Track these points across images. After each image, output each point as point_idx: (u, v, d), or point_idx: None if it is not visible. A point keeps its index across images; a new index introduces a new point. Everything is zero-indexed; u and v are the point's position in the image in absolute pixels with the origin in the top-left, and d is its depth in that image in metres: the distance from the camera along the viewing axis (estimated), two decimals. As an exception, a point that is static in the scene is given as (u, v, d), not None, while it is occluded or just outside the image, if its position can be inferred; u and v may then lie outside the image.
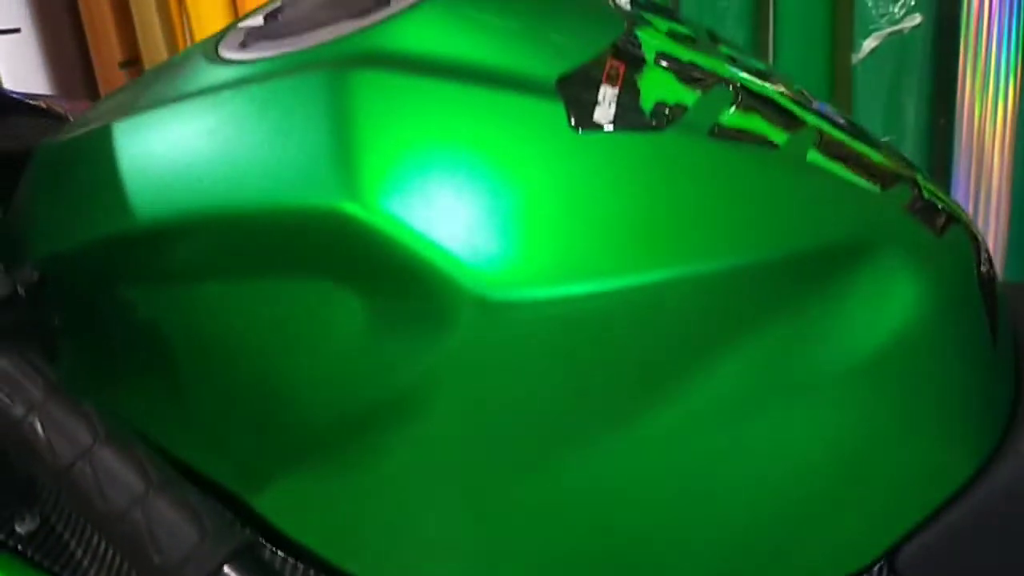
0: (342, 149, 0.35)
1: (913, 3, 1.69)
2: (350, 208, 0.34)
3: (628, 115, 0.38)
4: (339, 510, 0.39)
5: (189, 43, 1.98)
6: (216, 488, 0.41)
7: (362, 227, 0.34)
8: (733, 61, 0.44)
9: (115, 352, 0.42)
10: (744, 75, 0.43)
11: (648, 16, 0.45)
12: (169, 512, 0.33)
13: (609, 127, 0.37)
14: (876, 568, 0.43)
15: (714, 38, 0.47)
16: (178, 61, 0.47)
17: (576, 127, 0.36)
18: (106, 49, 2.26)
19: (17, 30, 2.60)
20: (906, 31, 1.70)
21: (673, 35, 0.44)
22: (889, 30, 1.70)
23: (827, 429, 0.40)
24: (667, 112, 0.38)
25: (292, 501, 0.40)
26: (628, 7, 0.45)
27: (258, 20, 0.45)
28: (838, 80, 1.80)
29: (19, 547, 0.42)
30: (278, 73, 0.39)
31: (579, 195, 0.36)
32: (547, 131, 0.36)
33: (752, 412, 0.38)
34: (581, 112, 0.37)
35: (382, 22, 0.39)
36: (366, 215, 0.34)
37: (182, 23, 2.00)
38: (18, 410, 0.35)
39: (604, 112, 0.37)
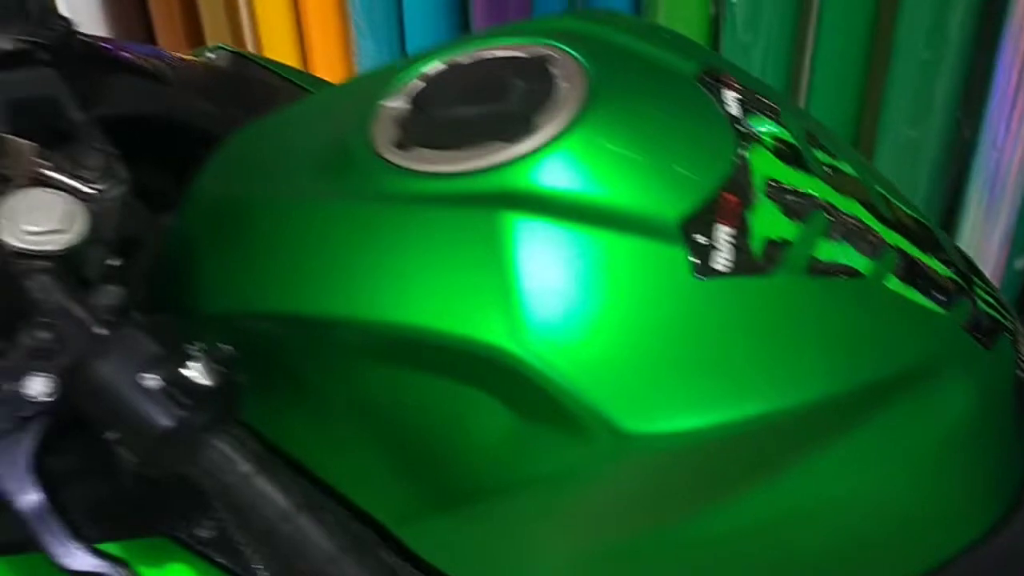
0: (502, 292, 0.42)
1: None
2: (509, 346, 0.41)
3: (741, 259, 0.44)
4: (478, 550, 0.48)
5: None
6: (366, 516, 0.50)
7: (518, 363, 0.41)
8: (827, 172, 0.50)
9: (282, 400, 0.50)
10: (837, 195, 0.49)
11: (755, 123, 0.50)
12: (355, 570, 0.42)
13: (729, 270, 0.43)
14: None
15: (812, 138, 0.52)
16: (330, 125, 0.52)
17: (698, 275, 0.43)
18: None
19: None
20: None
21: (778, 149, 0.49)
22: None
23: (892, 496, 0.49)
24: (773, 251, 0.45)
25: (437, 537, 0.48)
26: (737, 109, 0.50)
27: (402, 103, 0.50)
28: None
29: (201, 549, 0.51)
30: (442, 199, 0.44)
31: (699, 336, 0.43)
32: (672, 276, 0.43)
33: (842, 484, 0.47)
34: (701, 258, 0.43)
35: (530, 155, 0.44)
36: (522, 353, 0.41)
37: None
38: (232, 479, 0.42)
39: (721, 258, 0.44)
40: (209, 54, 0.83)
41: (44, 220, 0.46)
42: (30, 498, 0.43)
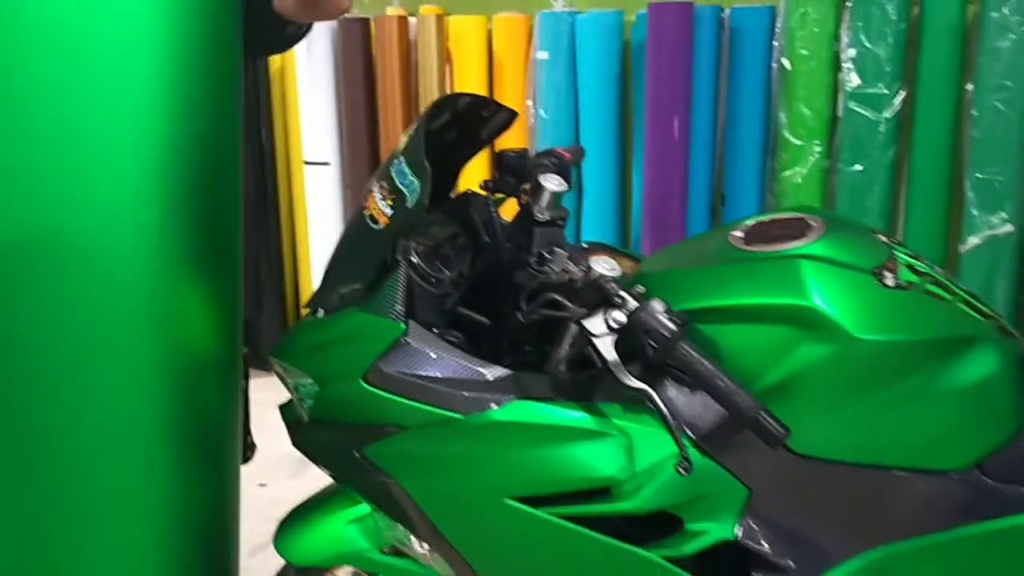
0: (799, 287, 1.09)
1: (1007, 216, 2.40)
2: (805, 302, 1.08)
3: (895, 284, 1.11)
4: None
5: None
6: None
7: (809, 309, 1.07)
8: (926, 265, 1.18)
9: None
10: (932, 273, 1.16)
11: (892, 242, 1.19)
12: (748, 398, 1.05)
13: (890, 286, 1.10)
14: (973, 471, 1.12)
15: (919, 257, 1.20)
16: (707, 244, 1.23)
17: (881, 287, 1.10)
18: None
19: (327, 163, 3.49)
20: (1001, 236, 2.40)
21: (906, 253, 1.17)
22: (988, 233, 2.41)
23: (956, 409, 1.10)
24: (909, 284, 1.11)
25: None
26: (886, 240, 1.20)
27: (740, 233, 1.20)
28: (948, 264, 2.50)
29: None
30: (768, 259, 1.13)
31: (882, 309, 1.09)
32: (871, 287, 1.10)
33: (943, 384, 1.10)
34: (881, 281, 1.10)
35: (806, 244, 1.14)
36: (811, 304, 1.07)
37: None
38: (692, 361, 1.07)
39: (889, 282, 1.11)
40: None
41: (610, 268, 1.16)
42: (612, 354, 1.08)
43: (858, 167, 2.53)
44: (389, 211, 1.20)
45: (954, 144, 2.47)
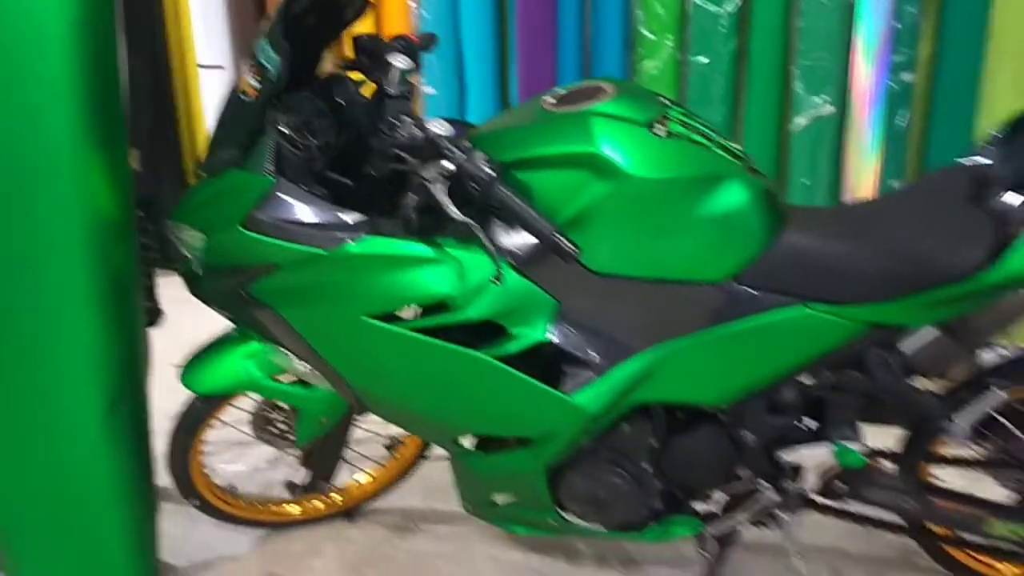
0: (588, 135, 1.37)
1: (828, 99, 2.72)
2: (592, 149, 1.37)
3: (665, 134, 1.40)
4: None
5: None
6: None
7: (595, 155, 1.36)
8: (704, 126, 1.47)
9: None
10: (700, 127, 1.46)
11: (670, 102, 1.48)
12: (548, 223, 1.34)
13: (661, 136, 1.39)
14: (729, 281, 1.44)
15: (690, 115, 1.49)
16: (527, 108, 1.50)
17: (653, 135, 1.39)
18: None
19: (221, 67, 3.63)
20: (824, 116, 2.73)
21: (679, 111, 1.47)
22: (813, 113, 2.73)
23: (712, 232, 1.42)
24: (677, 135, 1.41)
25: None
26: (665, 101, 1.49)
27: (551, 97, 1.48)
28: (781, 142, 2.83)
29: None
30: (567, 116, 1.42)
31: (654, 151, 1.38)
32: (644, 136, 1.39)
33: (703, 210, 1.41)
34: (653, 132, 1.39)
35: (598, 104, 1.42)
36: (596, 150, 1.36)
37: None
38: (507, 199, 1.35)
39: (660, 132, 1.40)
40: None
41: (444, 129, 1.42)
42: (443, 196, 1.35)
43: (704, 59, 2.82)
44: (257, 85, 1.43)
45: (786, 35, 2.77)
